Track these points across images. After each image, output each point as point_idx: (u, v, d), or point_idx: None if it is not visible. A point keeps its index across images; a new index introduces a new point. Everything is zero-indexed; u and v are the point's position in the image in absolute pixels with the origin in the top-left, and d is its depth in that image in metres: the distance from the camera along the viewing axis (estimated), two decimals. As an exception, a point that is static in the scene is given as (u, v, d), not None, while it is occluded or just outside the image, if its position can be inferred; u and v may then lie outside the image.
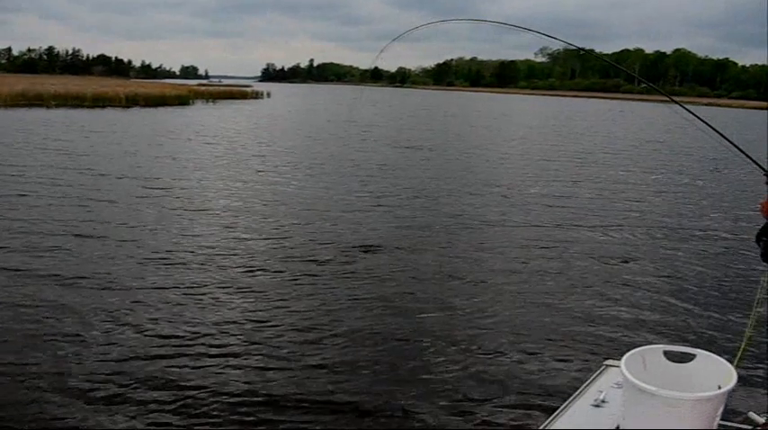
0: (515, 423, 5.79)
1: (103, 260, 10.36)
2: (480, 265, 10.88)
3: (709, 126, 4.16)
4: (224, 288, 9.29)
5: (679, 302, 9.37)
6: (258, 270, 10.21)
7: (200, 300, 8.73)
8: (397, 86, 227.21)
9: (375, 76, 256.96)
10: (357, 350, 7.25)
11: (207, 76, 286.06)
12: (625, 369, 3.21)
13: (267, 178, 19.58)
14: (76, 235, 11.80)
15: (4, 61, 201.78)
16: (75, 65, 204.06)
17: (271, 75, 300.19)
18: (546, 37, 4.97)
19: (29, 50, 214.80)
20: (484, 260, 11.22)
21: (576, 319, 8.49)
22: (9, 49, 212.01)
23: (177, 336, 7.48)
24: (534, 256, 11.58)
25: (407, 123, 47.96)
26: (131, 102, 55.72)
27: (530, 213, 15.37)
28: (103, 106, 52.50)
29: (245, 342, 7.40)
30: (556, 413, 3.67)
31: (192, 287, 9.24)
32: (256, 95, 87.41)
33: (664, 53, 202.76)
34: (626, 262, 11.50)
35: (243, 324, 7.94)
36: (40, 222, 12.64)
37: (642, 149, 33.96)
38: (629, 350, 3.43)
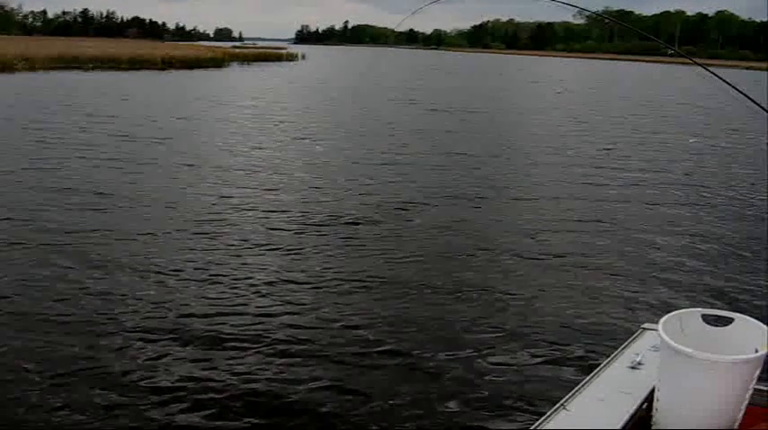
0: (551, 384, 5.84)
1: (139, 223, 10.45)
2: (512, 232, 10.81)
3: (735, 89, 4.12)
4: (258, 251, 9.35)
5: (718, 268, 9.29)
6: (294, 232, 10.27)
7: (236, 263, 8.78)
8: (432, 48, 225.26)
9: (410, 39, 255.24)
10: (390, 324, 7.18)
11: (241, 39, 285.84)
12: (662, 331, 3.23)
13: (304, 140, 19.65)
14: (110, 198, 11.90)
15: (39, 24, 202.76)
16: (109, 27, 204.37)
17: (305, 37, 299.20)
18: (571, 6, 4.89)
19: (63, 13, 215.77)
20: (516, 227, 11.16)
21: (612, 285, 8.46)
22: (44, 12, 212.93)
23: (212, 298, 7.56)
24: (568, 223, 11.51)
25: (444, 86, 47.69)
26: (167, 64, 56.06)
27: (565, 178, 15.28)
28: (139, 68, 52.83)
29: (280, 307, 7.45)
30: (592, 374, 3.70)
31: (228, 250, 9.32)
32: (291, 57, 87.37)
33: (705, 15, 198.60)
34: (662, 227, 11.41)
35: (278, 288, 7.99)
36: (77, 185, 12.81)
37: (682, 114, 33.52)
38: (666, 314, 3.45)
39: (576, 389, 3.55)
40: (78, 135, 18.82)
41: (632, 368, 3.72)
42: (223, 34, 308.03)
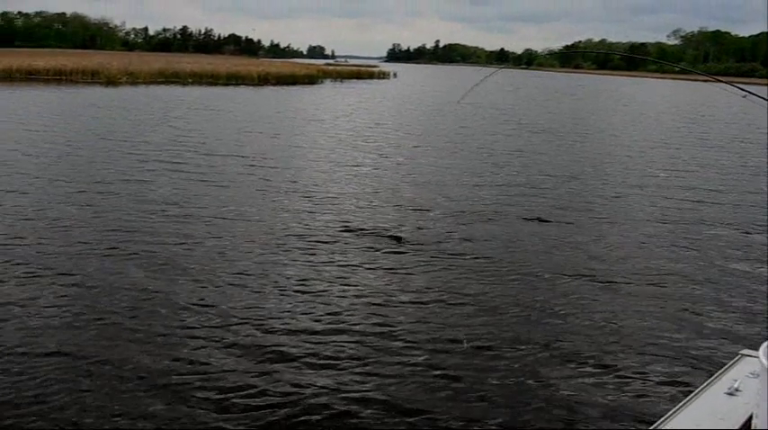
0: (644, 408, 5.85)
1: (222, 237, 10.69)
2: (602, 255, 10.74)
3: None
4: (340, 267, 9.51)
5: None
6: (378, 250, 10.39)
7: (322, 279, 8.94)
8: (522, 68, 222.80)
9: (500, 58, 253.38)
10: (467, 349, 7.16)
11: (333, 56, 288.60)
12: (764, 357, 3.22)
13: (394, 159, 19.84)
14: (197, 213, 12.15)
15: (140, 40, 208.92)
16: (206, 44, 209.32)
17: (396, 55, 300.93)
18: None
19: (164, 30, 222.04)
20: (605, 249, 11.10)
21: (709, 310, 8.36)
22: (146, 29, 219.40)
23: (295, 313, 7.75)
24: (660, 246, 11.33)
25: (533, 105, 47.38)
26: (263, 80, 57.24)
27: (654, 204, 14.87)
28: (236, 84, 54.10)
29: (365, 323, 7.60)
30: (687, 399, 3.68)
31: (313, 266, 9.48)
32: (383, 75, 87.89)
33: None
34: (759, 253, 11.12)
35: (361, 304, 8.15)
36: (170, 198, 13.17)
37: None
38: (766, 340, 3.44)
39: (671, 412, 3.56)
40: (174, 149, 19.28)
41: (729, 394, 3.68)
42: (316, 51, 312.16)
